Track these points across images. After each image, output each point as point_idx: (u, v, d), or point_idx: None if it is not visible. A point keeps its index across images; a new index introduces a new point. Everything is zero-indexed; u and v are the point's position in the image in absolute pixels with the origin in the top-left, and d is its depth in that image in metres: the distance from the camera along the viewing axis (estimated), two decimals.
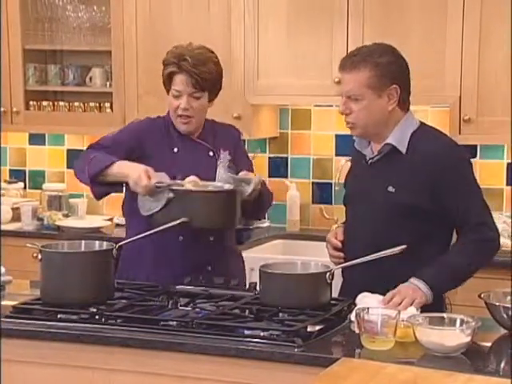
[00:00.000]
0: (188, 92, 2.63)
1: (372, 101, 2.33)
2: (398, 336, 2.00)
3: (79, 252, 2.37)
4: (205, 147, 2.72)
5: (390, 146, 2.37)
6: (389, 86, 2.34)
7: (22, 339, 2.17)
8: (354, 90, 2.33)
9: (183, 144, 2.70)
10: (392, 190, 2.34)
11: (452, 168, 2.34)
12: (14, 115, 4.06)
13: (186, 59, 2.62)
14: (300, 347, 1.99)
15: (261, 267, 2.25)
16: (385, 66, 2.34)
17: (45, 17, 4.04)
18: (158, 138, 2.70)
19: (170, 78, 2.65)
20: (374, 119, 2.35)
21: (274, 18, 3.64)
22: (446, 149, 2.37)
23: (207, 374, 2.06)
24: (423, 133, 2.40)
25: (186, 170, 2.63)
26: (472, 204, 2.34)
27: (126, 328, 2.13)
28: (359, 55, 2.37)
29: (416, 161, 2.33)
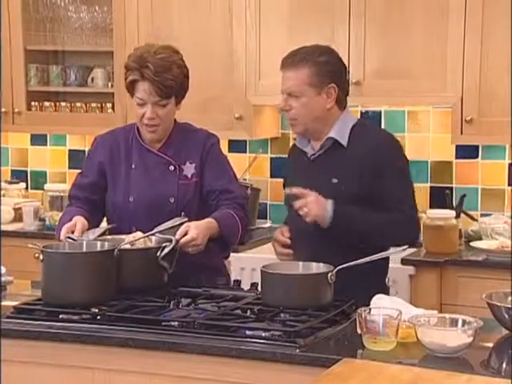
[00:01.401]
0: (152, 101, 2.51)
1: (311, 98, 2.46)
2: (400, 336, 2.00)
3: (81, 252, 2.36)
4: (165, 161, 2.61)
5: (331, 139, 2.50)
6: (327, 84, 2.47)
7: (23, 339, 2.17)
8: (295, 87, 2.46)
9: (141, 158, 2.61)
10: (335, 182, 2.46)
11: (391, 158, 2.47)
12: (15, 116, 4.06)
13: (148, 66, 2.49)
14: (301, 348, 1.98)
15: (262, 268, 2.25)
16: (324, 65, 2.47)
17: (46, 17, 4.05)
18: (119, 154, 2.64)
19: (133, 85, 2.53)
20: (313, 116, 2.48)
21: (276, 18, 3.64)
22: (387, 140, 2.52)
23: (208, 375, 2.05)
24: (363, 126, 2.55)
25: (143, 188, 2.59)
26: (405, 195, 2.48)
27: (127, 328, 2.12)
28: (300, 54, 2.49)
29: (357, 152, 2.46)
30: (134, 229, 2.57)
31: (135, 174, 2.63)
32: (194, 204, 2.60)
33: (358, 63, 3.53)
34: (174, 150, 2.62)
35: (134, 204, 2.61)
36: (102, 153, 2.66)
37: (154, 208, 2.57)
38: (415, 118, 3.79)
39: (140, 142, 2.64)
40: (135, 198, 2.61)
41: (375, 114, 3.83)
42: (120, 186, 2.63)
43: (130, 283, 2.33)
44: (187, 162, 2.61)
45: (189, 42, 3.80)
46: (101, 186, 2.66)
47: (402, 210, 2.46)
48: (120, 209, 2.63)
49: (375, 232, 2.43)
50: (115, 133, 2.73)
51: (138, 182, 2.61)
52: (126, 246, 2.36)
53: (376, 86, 3.53)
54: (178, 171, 2.61)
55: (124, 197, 2.62)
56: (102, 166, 2.65)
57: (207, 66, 3.77)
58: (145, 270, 2.36)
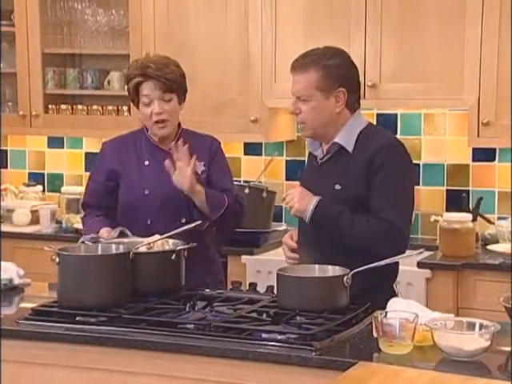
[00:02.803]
0: (158, 96, 2.68)
1: (320, 102, 2.42)
2: (417, 340, 1.99)
3: (96, 255, 2.37)
4: None
5: (337, 145, 2.46)
6: (336, 88, 2.42)
7: (41, 341, 2.18)
8: (303, 90, 2.43)
9: (154, 156, 2.76)
10: (338, 188, 2.43)
11: (388, 164, 2.40)
12: (33, 119, 4.09)
13: (149, 66, 2.68)
14: (317, 351, 1.98)
15: (278, 270, 2.25)
16: (333, 69, 2.42)
17: (64, 21, 4.07)
18: (129, 154, 2.78)
19: (137, 88, 2.70)
20: (321, 120, 2.44)
21: (292, 20, 3.64)
22: (388, 146, 2.44)
23: (224, 377, 2.06)
24: (369, 132, 2.48)
25: (157, 181, 2.72)
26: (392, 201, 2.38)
27: (144, 331, 2.13)
28: (309, 57, 2.46)
29: (361, 158, 2.41)
30: (150, 221, 2.69)
31: (149, 170, 2.75)
32: None
33: (374, 66, 3.52)
34: None
35: (150, 196, 2.72)
36: (112, 156, 2.79)
37: (168, 200, 2.70)
38: (431, 121, 3.78)
39: (151, 142, 2.78)
40: (151, 190, 2.72)
41: (391, 116, 3.82)
42: (134, 181, 2.75)
43: (146, 286, 2.34)
44: (196, 160, 2.70)
45: (205, 45, 3.82)
46: (112, 188, 2.77)
47: (383, 218, 2.35)
48: (135, 203, 2.73)
49: (352, 236, 2.37)
50: (123, 137, 2.87)
51: (152, 176, 2.74)
52: (141, 248, 2.37)
53: (392, 88, 3.52)
54: None
55: (139, 191, 2.73)
56: (112, 168, 2.77)
57: (223, 69, 3.78)
58: (160, 272, 2.37)
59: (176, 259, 2.38)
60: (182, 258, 2.42)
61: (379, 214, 2.37)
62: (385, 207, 2.37)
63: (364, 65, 3.53)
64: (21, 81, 4.09)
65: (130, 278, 2.30)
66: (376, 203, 2.38)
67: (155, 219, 2.70)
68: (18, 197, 4.27)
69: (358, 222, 2.37)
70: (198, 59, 3.83)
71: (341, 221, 2.37)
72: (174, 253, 2.38)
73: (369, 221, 2.37)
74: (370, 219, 2.37)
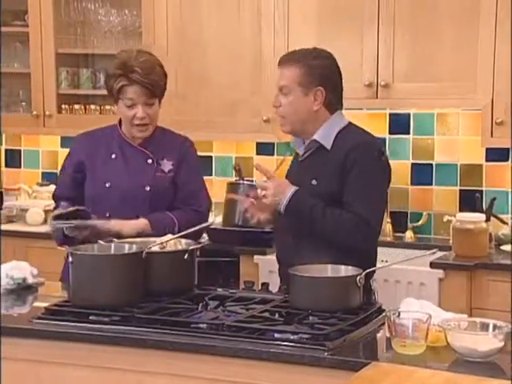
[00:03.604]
0: (142, 101, 2.70)
1: (299, 97, 2.52)
2: (430, 340, 1.99)
3: (109, 255, 2.38)
4: (144, 154, 2.78)
5: (316, 142, 2.54)
6: (315, 86, 2.52)
7: (54, 340, 2.19)
8: (286, 84, 2.53)
9: (122, 150, 2.79)
10: (314, 183, 2.52)
11: (361, 158, 2.46)
12: (46, 119, 4.11)
13: (135, 70, 2.67)
14: (330, 351, 1.98)
15: (291, 270, 2.25)
16: (315, 68, 2.53)
17: (77, 21, 4.09)
18: (99, 147, 2.80)
19: (120, 90, 2.70)
20: (299, 116, 2.53)
21: (304, 20, 3.64)
22: (363, 142, 2.53)
23: (237, 377, 2.06)
24: (348, 131, 2.57)
25: (120, 175, 2.75)
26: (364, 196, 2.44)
27: (157, 330, 2.13)
28: (296, 54, 2.59)
29: (337, 155, 2.50)
30: (108, 214, 2.73)
31: (114, 163, 2.79)
32: (169, 196, 2.77)
33: (386, 65, 3.52)
34: (153, 147, 2.79)
35: (110, 190, 2.75)
36: (82, 149, 2.83)
37: (129, 195, 2.73)
38: (444, 121, 3.76)
39: (122, 137, 2.81)
40: (112, 184, 2.76)
41: (404, 116, 3.81)
42: (98, 174, 2.79)
43: (158, 285, 2.34)
44: (165, 158, 2.78)
45: (217, 45, 3.82)
46: (80, 180, 2.81)
47: (354, 212, 2.42)
48: (96, 195, 2.77)
49: (324, 228, 2.45)
50: (96, 131, 2.90)
51: (115, 169, 2.78)
52: (154, 248, 2.38)
53: (405, 88, 3.51)
54: (156, 165, 2.78)
55: (101, 183, 2.77)
56: (80, 161, 2.81)
57: (235, 69, 3.78)
58: (173, 272, 2.38)
59: (189, 259, 2.38)
60: (194, 258, 2.42)
61: (351, 208, 2.44)
62: (356, 202, 2.45)
63: (377, 64, 3.53)
64: (34, 81, 4.11)
65: (142, 278, 2.31)
66: (348, 198, 2.46)
67: (113, 213, 2.72)
68: (32, 196, 4.29)
69: (330, 215, 2.45)
70: (211, 59, 3.84)
71: (313, 213, 2.45)
72: (187, 252, 2.39)
73: (341, 214, 2.45)
74: (342, 213, 2.45)
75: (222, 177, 4.09)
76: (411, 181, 3.83)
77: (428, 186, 3.80)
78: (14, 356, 2.24)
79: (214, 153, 4.15)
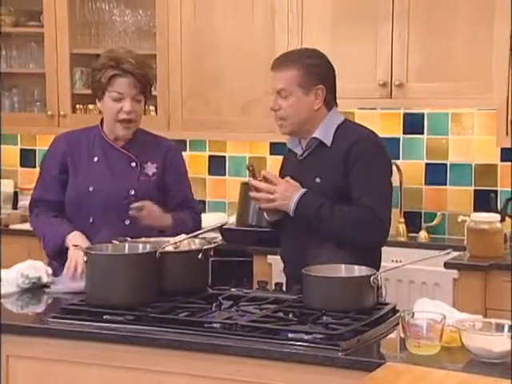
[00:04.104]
0: (131, 94, 2.63)
1: (300, 98, 2.52)
2: (445, 341, 1.98)
3: (123, 254, 2.38)
4: (128, 157, 2.72)
5: (316, 140, 2.55)
6: (315, 85, 2.52)
7: (69, 339, 2.20)
8: (284, 87, 2.52)
9: (105, 153, 2.72)
10: (318, 181, 2.51)
11: (363, 153, 2.47)
12: (61, 118, 4.13)
13: (129, 61, 2.63)
14: (344, 351, 1.97)
15: (304, 270, 2.25)
16: (312, 67, 2.53)
17: (92, 21, 4.11)
18: (81, 149, 2.73)
19: (109, 81, 2.62)
20: (300, 116, 2.53)
21: (318, 21, 3.64)
22: (363, 137, 2.53)
23: (251, 377, 2.06)
24: (347, 126, 2.57)
25: (103, 179, 2.69)
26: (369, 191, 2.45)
27: (170, 330, 2.14)
28: (289, 56, 2.60)
29: (338, 151, 2.50)
30: (92, 219, 2.68)
31: (97, 166, 2.72)
32: (154, 200, 2.70)
33: (400, 65, 3.51)
34: (137, 150, 2.74)
35: (94, 194, 2.69)
36: (65, 150, 2.74)
37: (112, 199, 2.67)
38: (459, 121, 3.75)
39: (104, 138, 2.74)
40: (95, 188, 2.69)
41: (418, 116, 3.80)
42: (80, 177, 2.72)
43: (172, 285, 2.34)
44: (148, 161, 2.73)
45: (231, 45, 3.82)
46: (65, 182, 2.73)
47: (364, 206, 2.43)
48: (79, 199, 2.70)
49: (334, 226, 2.44)
50: (77, 132, 2.83)
51: (99, 173, 2.71)
52: (168, 247, 2.38)
53: (419, 88, 3.50)
54: (140, 168, 2.72)
55: (84, 187, 2.70)
56: (64, 162, 2.73)
57: (249, 70, 3.78)
58: (186, 271, 2.38)
59: (202, 258, 2.39)
60: (208, 258, 2.42)
61: (360, 202, 2.44)
62: (364, 196, 2.45)
63: (391, 64, 3.52)
64: (49, 81, 4.13)
65: (156, 277, 2.31)
66: (356, 194, 2.46)
67: (97, 218, 2.67)
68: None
69: (338, 213, 2.44)
70: (225, 59, 3.84)
71: (322, 213, 2.45)
72: (201, 252, 2.39)
73: (350, 211, 2.45)
74: (351, 209, 2.45)
75: (236, 177, 4.10)
76: (425, 181, 3.82)
77: (442, 186, 3.79)
78: (29, 355, 2.25)
79: (227, 153, 4.16)
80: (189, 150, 4.19)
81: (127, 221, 2.68)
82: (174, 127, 3.94)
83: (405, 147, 3.83)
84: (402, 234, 3.74)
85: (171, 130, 3.91)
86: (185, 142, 4.15)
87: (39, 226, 2.75)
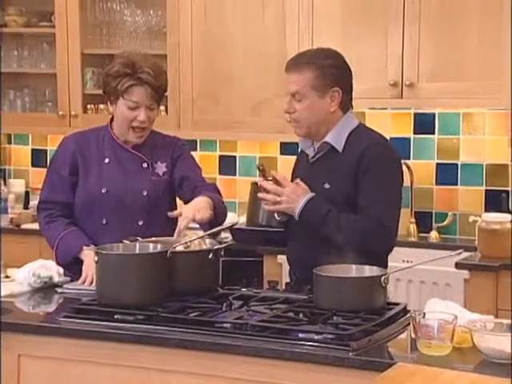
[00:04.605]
0: (146, 104, 2.62)
1: (314, 101, 2.46)
2: (456, 341, 1.97)
3: (134, 254, 2.39)
4: (139, 158, 2.72)
5: (327, 144, 2.50)
6: (331, 87, 2.46)
7: (80, 339, 2.21)
8: (298, 90, 2.46)
9: (115, 154, 2.72)
10: (327, 187, 2.47)
11: (375, 163, 2.43)
12: (72, 118, 4.15)
13: (146, 71, 2.60)
14: (354, 351, 1.97)
15: (315, 270, 2.25)
16: (328, 69, 2.46)
17: (103, 21, 4.12)
18: (91, 150, 2.72)
19: (126, 90, 2.60)
20: (315, 118, 2.47)
21: (329, 21, 3.63)
22: (375, 145, 2.47)
23: (261, 377, 2.06)
24: (359, 132, 2.52)
25: (115, 180, 2.68)
26: (378, 200, 2.41)
27: (181, 329, 2.14)
28: (304, 57, 2.50)
29: (349, 158, 2.45)
30: (105, 221, 2.68)
31: (108, 168, 2.71)
32: (166, 200, 2.71)
33: (411, 65, 3.50)
34: (147, 150, 2.73)
35: (107, 195, 2.68)
36: (74, 151, 2.73)
37: (126, 200, 2.67)
38: (470, 121, 3.74)
39: (114, 139, 2.73)
40: (108, 189, 2.69)
41: (429, 116, 3.79)
42: (92, 179, 2.70)
43: (183, 285, 2.34)
44: (158, 161, 2.73)
45: (242, 45, 3.83)
46: (75, 184, 2.72)
47: (370, 216, 2.39)
48: (91, 201, 2.69)
49: (339, 235, 2.40)
50: (86, 132, 2.82)
51: (111, 175, 2.70)
52: (178, 247, 2.38)
53: (430, 88, 3.50)
54: (151, 168, 2.72)
55: (96, 189, 2.69)
56: (74, 163, 2.72)
57: (260, 70, 3.78)
58: (197, 271, 2.38)
59: (213, 258, 2.39)
60: (218, 257, 2.42)
61: (366, 211, 2.40)
62: (372, 205, 2.41)
63: (402, 64, 3.51)
64: (60, 81, 4.15)
65: (167, 277, 2.31)
66: (363, 202, 2.42)
67: (111, 219, 2.67)
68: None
69: (344, 222, 2.41)
70: (235, 60, 3.85)
71: (327, 220, 2.42)
72: (211, 252, 2.39)
73: (356, 221, 2.41)
74: (357, 218, 2.41)
75: (246, 177, 4.10)
76: (436, 181, 3.81)
77: (453, 186, 3.78)
78: (40, 354, 2.26)
79: (238, 153, 4.16)
80: (199, 149, 4.20)
81: (140, 221, 2.68)
82: (184, 127, 3.95)
83: (415, 147, 3.82)
84: (413, 234, 3.73)
85: (182, 129, 3.92)
86: (195, 142, 4.16)
87: (50, 235, 2.74)
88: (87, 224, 2.70)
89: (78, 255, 2.64)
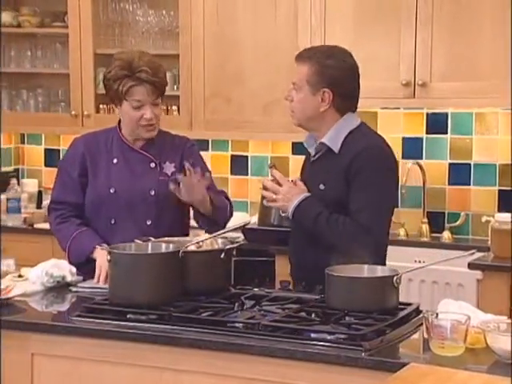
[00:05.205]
0: (150, 101, 2.65)
1: (307, 96, 2.48)
2: (469, 342, 1.97)
3: (146, 254, 2.39)
4: (147, 158, 2.74)
5: (324, 145, 2.51)
6: (322, 87, 2.46)
7: (92, 338, 2.21)
8: (297, 80, 2.50)
9: (123, 155, 2.73)
10: (322, 188, 2.49)
11: (366, 164, 2.42)
12: (84, 118, 4.16)
13: (143, 70, 2.62)
14: (367, 351, 1.97)
15: (327, 270, 2.24)
16: (325, 68, 2.46)
17: (115, 22, 4.13)
18: (100, 152, 2.74)
19: (128, 91, 2.63)
20: (305, 113, 2.50)
21: (341, 20, 3.63)
22: (367, 149, 2.45)
23: (274, 377, 2.06)
24: (357, 134, 2.50)
25: (124, 180, 2.70)
26: (366, 204, 2.41)
27: (193, 329, 2.14)
28: (311, 51, 2.54)
29: (343, 160, 2.45)
30: (114, 221, 2.70)
31: (116, 168, 2.73)
32: (174, 200, 2.70)
33: (424, 64, 3.49)
34: (155, 150, 2.75)
35: (115, 196, 2.70)
36: (84, 152, 2.75)
37: (134, 200, 2.69)
38: (483, 120, 3.72)
39: (122, 140, 2.75)
40: (116, 189, 2.70)
41: (442, 116, 3.78)
42: (101, 179, 2.72)
43: (195, 284, 2.35)
44: (167, 161, 2.74)
45: (254, 45, 3.83)
46: (85, 184, 2.74)
47: (358, 220, 2.40)
48: (100, 200, 2.71)
49: (327, 237, 2.43)
50: (95, 134, 2.84)
51: (119, 175, 2.72)
52: (190, 247, 2.39)
53: (443, 87, 3.48)
54: (159, 168, 2.73)
55: (105, 189, 2.71)
56: (84, 164, 2.74)
57: (271, 70, 3.78)
58: (209, 271, 2.38)
59: (225, 258, 2.39)
60: (230, 257, 2.43)
61: (356, 215, 2.41)
62: (361, 211, 2.41)
63: (414, 63, 3.50)
64: (73, 81, 4.16)
65: (179, 277, 2.32)
66: (353, 207, 2.43)
67: (119, 219, 2.69)
68: None
69: (334, 225, 2.42)
70: (247, 59, 3.85)
71: (318, 222, 2.43)
72: (223, 252, 2.39)
73: (345, 224, 2.42)
74: (345, 222, 2.42)
75: (258, 176, 4.10)
76: (449, 181, 3.80)
77: (466, 186, 3.76)
78: (54, 353, 2.27)
79: (249, 152, 4.16)
80: (211, 149, 4.20)
81: (149, 221, 2.69)
82: (196, 127, 3.95)
83: (428, 147, 3.81)
84: (425, 234, 3.72)
85: (194, 129, 3.93)
86: (207, 141, 4.17)
87: (62, 236, 2.76)
88: (96, 224, 2.72)
89: (91, 255, 2.65)
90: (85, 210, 2.75)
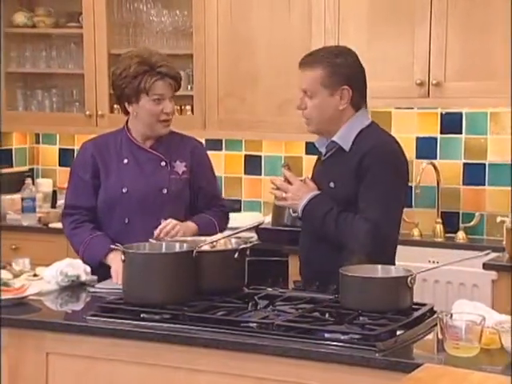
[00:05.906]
0: (169, 95, 2.70)
1: (324, 98, 2.47)
2: (484, 343, 1.96)
3: (160, 253, 2.40)
4: (157, 157, 2.75)
5: (335, 144, 2.51)
6: (341, 85, 2.46)
7: (107, 337, 2.22)
8: (309, 87, 2.48)
9: (133, 155, 2.75)
10: (332, 186, 2.49)
11: (376, 162, 2.42)
12: (99, 118, 4.17)
13: (164, 64, 2.68)
14: (381, 352, 1.96)
15: (341, 270, 2.24)
16: (338, 67, 2.47)
17: (129, 22, 4.14)
18: (110, 153, 2.76)
19: (151, 86, 2.65)
20: (325, 116, 2.49)
21: (355, 21, 3.62)
22: (376, 147, 2.45)
23: (287, 377, 2.06)
24: (368, 132, 2.50)
25: (135, 180, 2.71)
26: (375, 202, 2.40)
27: (207, 329, 2.15)
28: (316, 54, 2.53)
29: (353, 158, 2.45)
30: (127, 220, 2.71)
31: (127, 168, 2.75)
32: (186, 198, 2.75)
33: (438, 64, 3.48)
34: (164, 149, 2.77)
35: (128, 195, 2.72)
36: (94, 155, 2.76)
37: (146, 199, 2.71)
38: (498, 120, 3.70)
39: (131, 140, 2.77)
40: (129, 189, 2.72)
41: (456, 116, 3.76)
42: (112, 179, 2.74)
43: (209, 284, 2.35)
44: (177, 160, 2.76)
45: (267, 45, 3.83)
46: (98, 187, 2.75)
47: (368, 218, 2.39)
48: (112, 201, 2.73)
49: (336, 235, 2.44)
50: (104, 136, 2.86)
51: (130, 174, 2.74)
52: (204, 247, 2.39)
53: (457, 87, 3.47)
54: (169, 167, 2.75)
55: (117, 189, 2.72)
56: (96, 167, 2.75)
57: (285, 69, 3.77)
58: (223, 271, 2.39)
59: (239, 258, 2.39)
60: (244, 257, 2.43)
61: (365, 214, 2.41)
62: (370, 209, 2.41)
63: (428, 63, 3.49)
64: (88, 81, 4.18)
65: (193, 276, 2.32)
66: (362, 205, 2.42)
67: (133, 218, 2.71)
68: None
69: (343, 223, 2.43)
70: (261, 59, 3.85)
71: (327, 220, 2.44)
72: (237, 251, 2.40)
73: (353, 223, 2.41)
74: (354, 221, 2.41)
75: (271, 176, 4.08)
76: (463, 181, 3.78)
77: (480, 186, 3.75)
78: (68, 352, 2.28)
79: (263, 152, 4.17)
80: (225, 149, 4.21)
81: (162, 220, 2.70)
82: (210, 127, 3.96)
83: (442, 147, 3.79)
84: (440, 234, 3.71)
85: (207, 129, 3.94)
86: (221, 141, 4.17)
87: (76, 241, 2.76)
88: (110, 224, 2.73)
89: (103, 260, 2.66)
90: (98, 211, 2.77)
